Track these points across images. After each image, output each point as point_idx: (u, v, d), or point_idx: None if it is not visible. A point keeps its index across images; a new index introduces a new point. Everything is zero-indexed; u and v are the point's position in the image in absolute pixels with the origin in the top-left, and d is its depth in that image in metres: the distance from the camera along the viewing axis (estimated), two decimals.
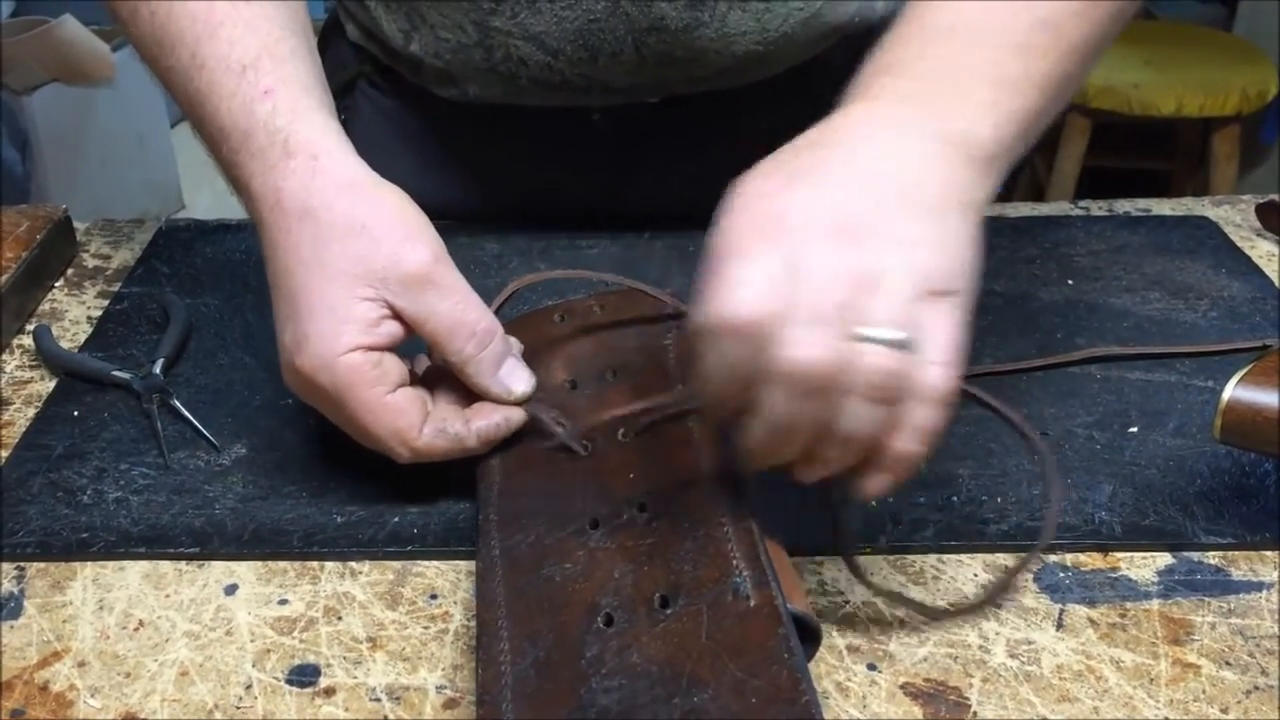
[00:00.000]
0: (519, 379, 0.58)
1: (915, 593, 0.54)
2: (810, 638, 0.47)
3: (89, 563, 0.56)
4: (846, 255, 0.47)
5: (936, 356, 0.47)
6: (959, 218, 0.50)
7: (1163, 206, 0.88)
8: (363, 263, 0.55)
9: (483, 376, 0.57)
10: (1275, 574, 0.55)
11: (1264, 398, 0.54)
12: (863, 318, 0.46)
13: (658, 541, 0.49)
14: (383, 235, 0.56)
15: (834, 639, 0.51)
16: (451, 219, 0.88)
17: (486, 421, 0.57)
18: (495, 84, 0.80)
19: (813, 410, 0.46)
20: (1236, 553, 0.56)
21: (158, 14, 0.63)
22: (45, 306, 0.78)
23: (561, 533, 0.51)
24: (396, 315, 0.56)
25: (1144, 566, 0.55)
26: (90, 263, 0.83)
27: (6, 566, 0.56)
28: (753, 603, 0.45)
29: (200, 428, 0.64)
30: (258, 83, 0.59)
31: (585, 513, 0.52)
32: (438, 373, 0.59)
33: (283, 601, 0.54)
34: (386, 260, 0.55)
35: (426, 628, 0.53)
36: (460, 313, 0.56)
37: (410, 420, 0.55)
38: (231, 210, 0.90)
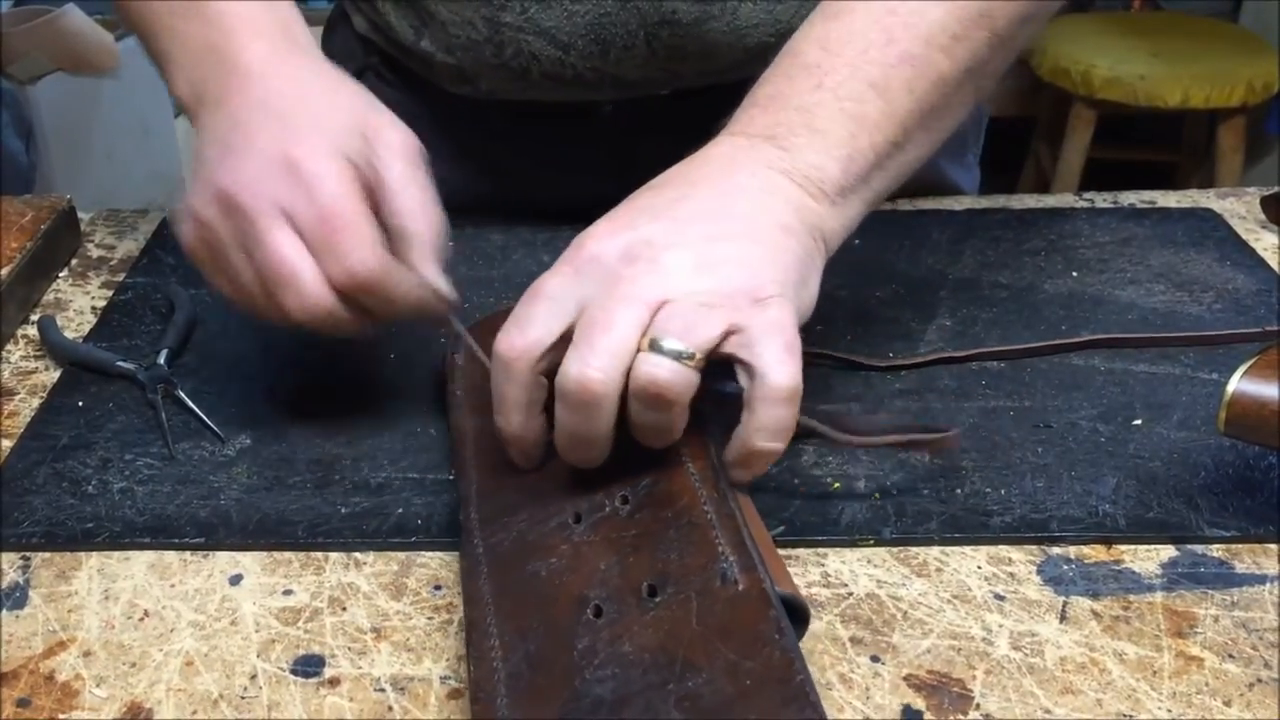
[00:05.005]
0: (445, 282, 0.59)
1: (918, 585, 0.54)
2: (799, 619, 0.47)
3: (94, 553, 0.56)
4: (623, 280, 0.51)
5: (766, 358, 0.50)
6: (784, 240, 0.54)
7: (1168, 198, 0.88)
8: (342, 114, 0.58)
9: (417, 256, 0.58)
10: (1279, 567, 0.55)
11: (1268, 391, 0.54)
12: (652, 331, 0.50)
13: (642, 532, 0.49)
14: (363, 102, 0.59)
15: (837, 631, 0.51)
16: (457, 209, 0.88)
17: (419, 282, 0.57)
18: (507, 79, 0.79)
19: (597, 421, 0.50)
20: (1240, 545, 0.56)
21: None
22: (50, 297, 0.78)
23: (544, 528, 0.51)
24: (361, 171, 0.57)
25: (1147, 559, 0.56)
26: (95, 253, 0.83)
27: (12, 556, 0.56)
28: (741, 587, 0.45)
29: (205, 418, 0.64)
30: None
31: (567, 507, 0.52)
32: None
33: (287, 592, 0.54)
34: (361, 118, 0.58)
35: (431, 618, 0.53)
36: (427, 194, 0.58)
37: (374, 237, 0.56)
38: None
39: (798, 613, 0.47)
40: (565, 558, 0.49)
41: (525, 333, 0.51)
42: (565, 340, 0.51)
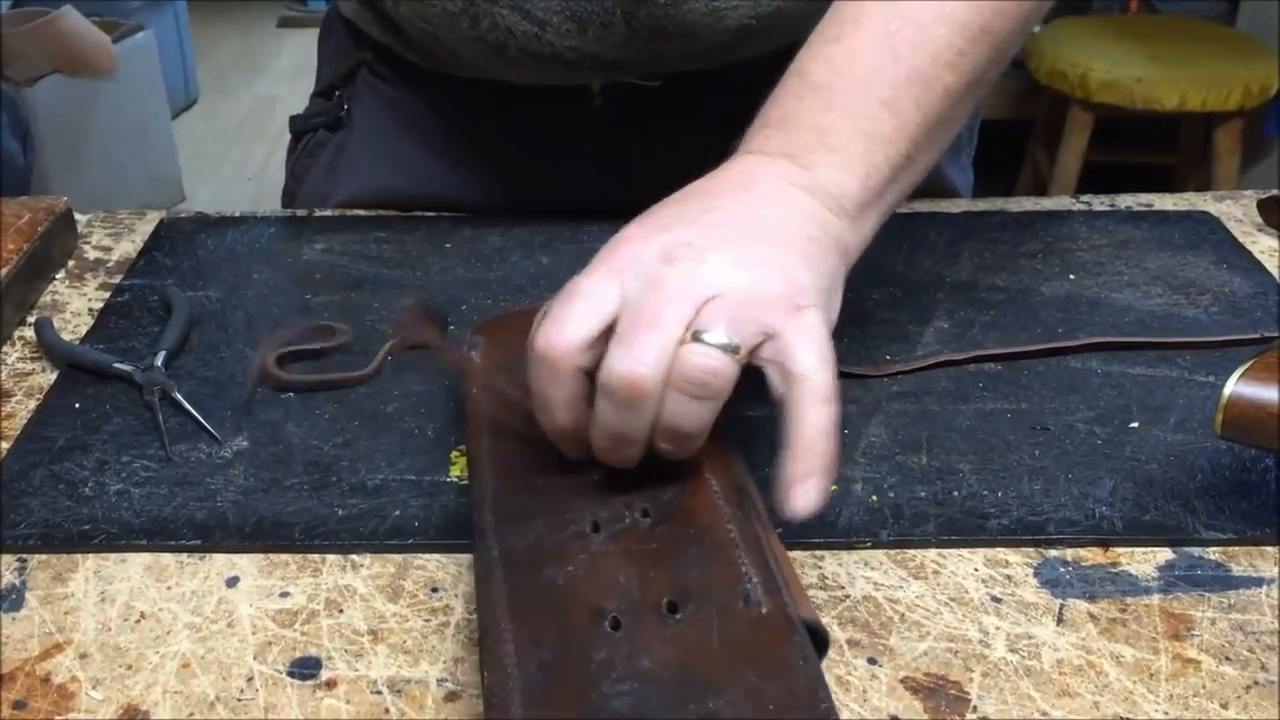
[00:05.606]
0: None
1: (916, 587, 0.54)
2: (818, 643, 0.47)
3: (91, 555, 0.56)
4: (667, 279, 0.50)
5: (805, 363, 0.50)
6: (813, 250, 0.54)
7: (1165, 201, 0.88)
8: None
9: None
10: (1275, 569, 0.55)
11: (1265, 393, 0.54)
12: (696, 324, 0.49)
13: (662, 546, 0.49)
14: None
15: (835, 633, 0.51)
16: (454, 209, 0.88)
17: None
18: (485, 54, 0.79)
19: (641, 417, 0.49)
20: (1237, 548, 0.56)
21: None
22: (47, 298, 0.78)
23: (561, 535, 0.51)
24: None
25: (1144, 561, 0.56)
26: (91, 254, 0.83)
27: (8, 558, 0.56)
28: (764, 610, 0.45)
29: (202, 420, 0.64)
30: None
31: (585, 515, 0.51)
32: None
33: (284, 594, 0.54)
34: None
35: (428, 620, 0.53)
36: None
37: None
38: (234, 202, 0.90)
39: (817, 636, 0.46)
40: (583, 567, 0.48)
41: (564, 331, 0.50)
42: (603, 338, 0.51)
